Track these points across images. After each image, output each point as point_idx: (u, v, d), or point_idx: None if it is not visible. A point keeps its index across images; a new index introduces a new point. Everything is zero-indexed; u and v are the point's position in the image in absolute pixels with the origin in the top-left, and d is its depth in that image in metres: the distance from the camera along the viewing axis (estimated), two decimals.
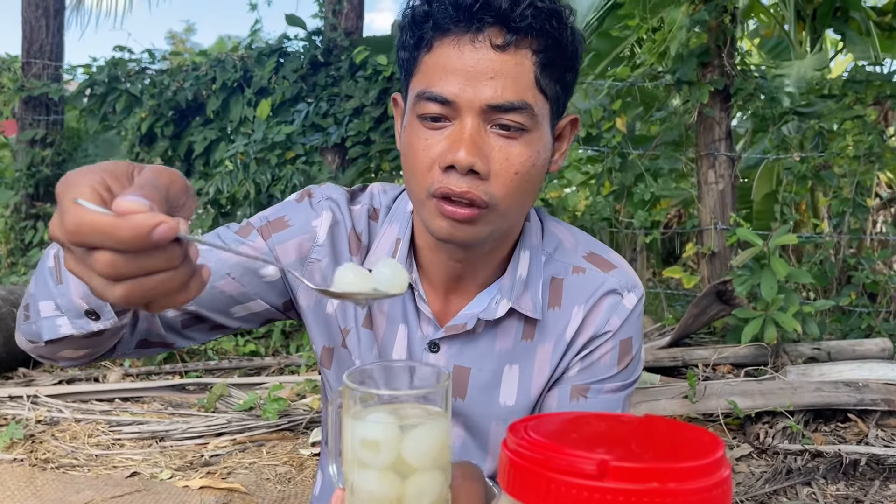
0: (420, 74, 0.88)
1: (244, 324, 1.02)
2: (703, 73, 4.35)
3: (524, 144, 0.86)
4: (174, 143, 5.41)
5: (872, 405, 2.86)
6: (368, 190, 1.06)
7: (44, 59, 5.71)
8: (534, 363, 0.98)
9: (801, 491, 2.36)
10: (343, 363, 1.01)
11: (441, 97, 0.84)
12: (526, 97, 0.85)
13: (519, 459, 0.52)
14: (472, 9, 0.83)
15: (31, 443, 2.77)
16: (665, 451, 0.53)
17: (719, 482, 0.51)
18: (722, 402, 2.87)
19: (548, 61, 0.86)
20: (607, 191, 4.85)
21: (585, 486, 0.49)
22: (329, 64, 5.16)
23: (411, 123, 0.89)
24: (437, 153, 0.85)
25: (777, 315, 3.16)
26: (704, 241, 4.42)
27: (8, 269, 5.15)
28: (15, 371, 3.84)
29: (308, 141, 4.88)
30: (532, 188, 0.90)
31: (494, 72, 0.84)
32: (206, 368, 3.80)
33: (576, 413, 0.96)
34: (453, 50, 0.85)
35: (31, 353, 0.89)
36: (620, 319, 0.99)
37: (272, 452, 2.74)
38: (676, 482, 0.49)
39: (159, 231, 0.53)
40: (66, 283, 0.79)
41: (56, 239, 0.58)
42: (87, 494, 2.32)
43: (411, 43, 0.89)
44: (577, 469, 0.49)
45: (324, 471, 1.14)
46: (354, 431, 0.62)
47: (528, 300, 0.97)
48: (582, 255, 1.02)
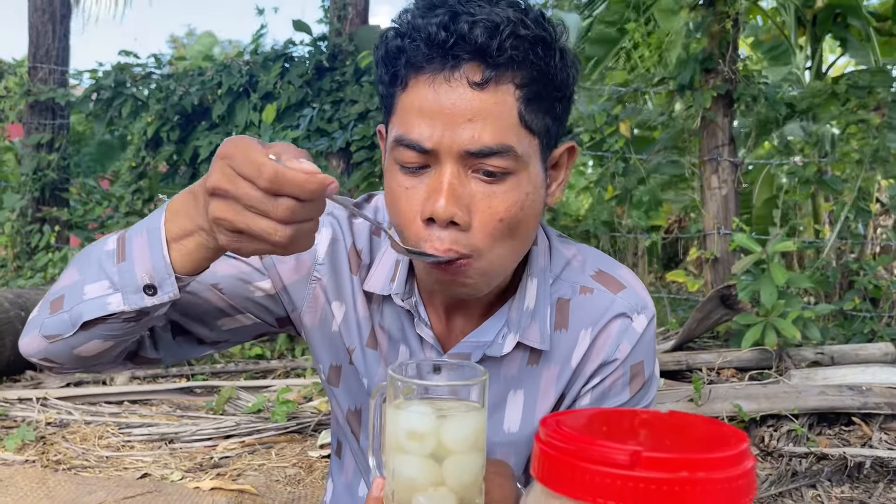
0: (397, 115, 0.83)
1: (233, 337, 1.00)
2: (706, 79, 4.38)
3: (509, 189, 0.81)
4: (180, 148, 5.45)
5: (876, 409, 2.88)
6: (373, 202, 1.02)
7: (50, 63, 5.75)
8: (538, 388, 0.96)
9: (806, 493, 2.39)
10: (350, 381, 0.99)
11: (417, 145, 0.79)
12: (507, 139, 0.79)
13: (552, 451, 0.55)
14: (446, 45, 0.77)
15: (43, 444, 2.79)
16: (693, 443, 0.56)
17: (745, 472, 0.53)
18: (727, 405, 2.89)
19: (533, 95, 0.80)
20: (609, 195, 4.88)
21: (619, 476, 0.51)
22: (334, 69, 5.20)
23: (391, 168, 0.84)
24: (417, 204, 0.81)
25: (777, 321, 3.19)
26: (708, 246, 4.44)
27: (14, 272, 5.18)
28: (22, 374, 3.86)
29: (313, 146, 4.91)
30: (524, 230, 0.85)
31: (473, 113, 0.78)
32: (212, 371, 3.82)
33: (604, 408, 0.97)
34: (428, 89, 0.79)
35: (37, 354, 0.88)
36: (630, 345, 0.95)
37: (281, 454, 2.76)
38: (705, 472, 0.51)
39: (332, 188, 0.68)
40: (131, 260, 0.80)
41: (219, 189, 0.69)
42: (100, 495, 2.34)
43: (386, 80, 0.84)
44: (610, 459, 0.52)
45: (334, 478, 1.12)
46: (397, 422, 0.64)
47: (535, 331, 0.93)
48: (590, 274, 0.98)
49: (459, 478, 0.65)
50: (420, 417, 0.64)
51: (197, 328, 0.97)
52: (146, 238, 0.80)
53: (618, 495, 0.51)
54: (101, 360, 0.89)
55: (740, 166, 4.48)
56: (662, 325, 4.35)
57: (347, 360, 0.98)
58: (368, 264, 0.97)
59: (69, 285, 0.86)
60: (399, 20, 0.82)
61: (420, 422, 0.64)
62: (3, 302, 3.88)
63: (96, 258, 0.84)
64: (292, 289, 0.97)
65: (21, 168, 5.71)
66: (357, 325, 0.97)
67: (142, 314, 0.82)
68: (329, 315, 0.97)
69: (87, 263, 0.85)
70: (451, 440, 0.65)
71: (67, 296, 0.85)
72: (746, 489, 0.54)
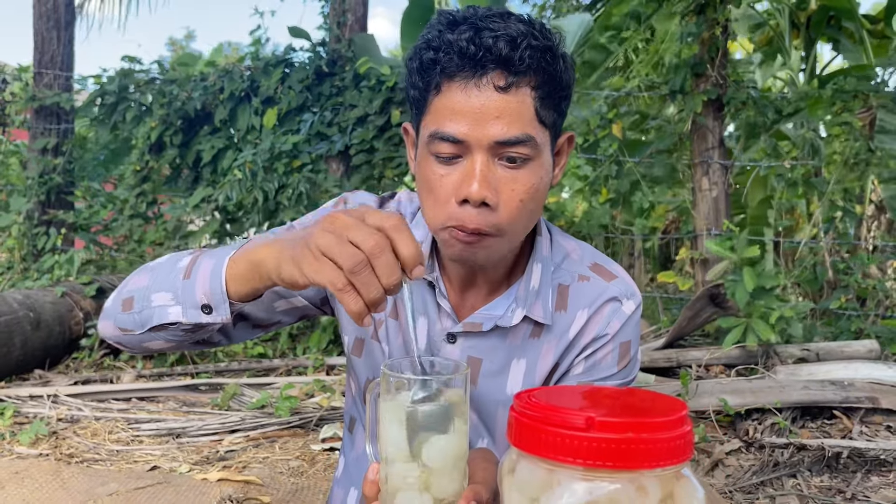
0: (431, 115, 0.97)
1: (284, 318, 1.15)
2: (697, 83, 4.50)
3: (528, 172, 0.96)
4: (183, 152, 5.55)
5: (857, 402, 2.99)
6: (397, 197, 1.18)
7: (55, 69, 5.85)
8: (538, 357, 1.11)
9: (786, 483, 2.50)
10: (372, 353, 1.14)
11: (453, 137, 0.94)
12: (528, 131, 0.94)
13: (522, 418, 0.66)
14: (476, 56, 0.92)
15: (55, 439, 2.90)
16: (640, 411, 0.67)
17: (683, 434, 0.64)
18: (713, 399, 3.00)
19: (545, 95, 0.96)
20: (604, 198, 4.99)
21: (576, 437, 0.62)
22: (333, 74, 5.31)
23: (426, 159, 0.98)
24: (452, 187, 0.96)
25: (755, 322, 3.31)
26: (698, 247, 4.56)
27: (21, 274, 5.28)
28: (31, 373, 3.97)
29: (313, 150, 5.02)
30: (536, 208, 1.00)
31: (499, 111, 0.93)
32: (216, 370, 3.93)
33: (569, 385, 1.10)
34: (460, 93, 0.93)
35: (112, 339, 1.05)
36: (620, 323, 1.10)
37: (284, 448, 2.87)
38: (648, 433, 0.62)
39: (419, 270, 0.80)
40: (193, 280, 0.95)
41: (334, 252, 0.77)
42: (112, 486, 2.45)
43: (421, 86, 0.98)
44: (569, 423, 0.63)
45: (346, 454, 1.25)
46: (389, 412, 0.75)
47: (539, 308, 1.08)
48: (587, 265, 1.14)
49: (445, 462, 0.76)
50: (409, 408, 0.75)
51: (257, 312, 1.11)
52: (212, 264, 0.96)
53: (575, 453, 0.62)
54: (167, 350, 1.06)
55: (730, 169, 4.60)
56: (654, 323, 4.46)
57: (372, 332, 1.13)
58: None
59: (140, 289, 1.01)
60: (429, 35, 0.96)
61: (408, 412, 0.75)
62: (12, 303, 3.99)
63: (168, 269, 1.00)
64: None
65: (27, 172, 5.81)
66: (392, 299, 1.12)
67: (198, 327, 0.97)
68: None
69: (159, 272, 1.01)
70: (438, 425, 0.75)
71: (136, 298, 1.00)
72: (684, 448, 0.65)
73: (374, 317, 1.13)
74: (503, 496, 0.67)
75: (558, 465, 0.63)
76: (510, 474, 0.67)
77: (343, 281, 0.77)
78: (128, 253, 5.40)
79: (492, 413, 1.13)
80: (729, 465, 2.65)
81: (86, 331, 4.29)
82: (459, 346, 1.10)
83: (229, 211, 5.01)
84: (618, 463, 0.61)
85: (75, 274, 4.88)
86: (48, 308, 4.18)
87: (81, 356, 4.19)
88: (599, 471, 0.62)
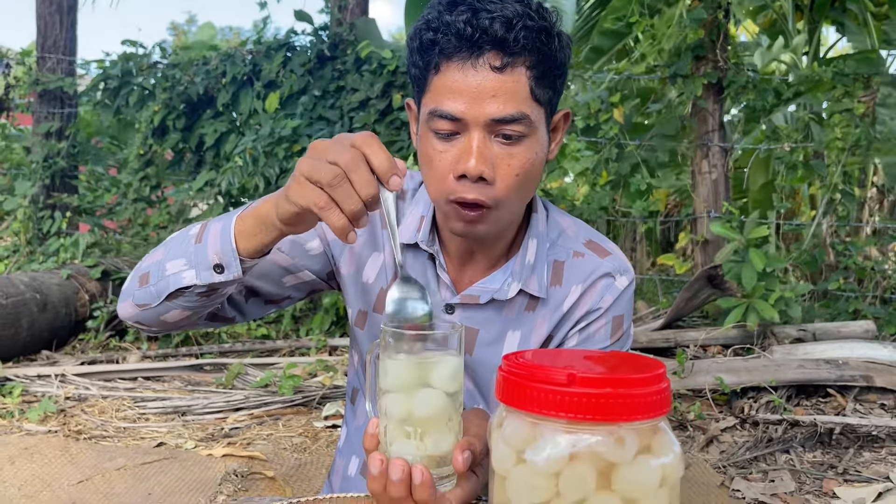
0: (431, 93, 1.01)
1: (294, 293, 1.19)
2: (697, 67, 4.51)
3: (524, 149, 1.00)
4: (185, 136, 5.58)
5: (852, 381, 3.04)
6: None
7: (58, 53, 5.87)
8: (533, 329, 1.15)
9: (779, 458, 2.55)
10: (374, 326, 1.18)
11: (451, 115, 0.97)
12: (523, 109, 0.98)
13: (509, 376, 0.70)
14: (473, 38, 0.95)
15: (63, 417, 2.96)
16: (619, 369, 0.71)
17: (660, 391, 0.68)
18: (709, 378, 3.05)
19: (540, 74, 0.99)
20: (604, 180, 5.02)
21: (558, 392, 0.66)
22: (335, 58, 5.32)
23: (426, 135, 1.02)
24: (450, 163, 1.00)
25: (757, 302, 3.34)
26: (698, 230, 4.59)
27: (26, 257, 5.33)
28: (38, 354, 4.03)
29: (314, 133, 5.05)
30: (532, 183, 1.04)
31: (495, 90, 0.96)
32: (220, 351, 3.99)
33: (554, 349, 1.14)
34: (458, 73, 0.97)
35: (132, 319, 1.08)
36: (613, 297, 1.14)
37: (288, 425, 2.93)
38: (626, 388, 0.66)
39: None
40: (205, 243, 1.00)
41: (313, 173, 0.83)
42: (120, 461, 2.51)
43: (421, 65, 1.01)
44: (552, 380, 0.67)
45: (348, 424, 1.30)
46: (389, 367, 0.80)
47: (534, 282, 1.12)
48: (582, 242, 1.17)
49: (440, 414, 0.80)
50: (406, 361, 0.80)
51: (267, 287, 1.15)
52: (220, 225, 1.00)
53: (558, 407, 0.66)
54: (183, 324, 1.10)
55: (730, 152, 4.62)
56: (653, 304, 4.50)
57: (373, 306, 1.17)
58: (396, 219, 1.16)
59: (155, 262, 1.05)
60: (429, 16, 1.00)
61: (406, 365, 0.80)
62: (19, 285, 4.04)
63: (180, 239, 1.04)
64: (333, 244, 1.17)
65: (31, 156, 5.85)
66: (385, 270, 1.17)
67: (212, 289, 1.01)
68: (363, 265, 1.17)
69: (172, 244, 1.06)
70: (433, 379, 0.80)
71: (152, 272, 1.04)
72: (661, 404, 0.69)
73: (380, 287, 1.16)
74: (492, 449, 0.71)
75: (542, 419, 0.67)
76: (498, 428, 0.71)
77: (325, 199, 0.82)
78: (132, 236, 5.45)
79: (487, 381, 1.18)
80: (724, 442, 2.70)
81: (91, 312, 4.34)
82: (457, 317, 1.15)
83: (232, 195, 5.05)
84: (597, 416, 0.65)
85: (80, 257, 4.93)
86: (54, 290, 4.24)
87: (87, 337, 4.25)
88: (581, 424, 0.66)
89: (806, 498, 2.27)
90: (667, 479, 0.67)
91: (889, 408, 2.95)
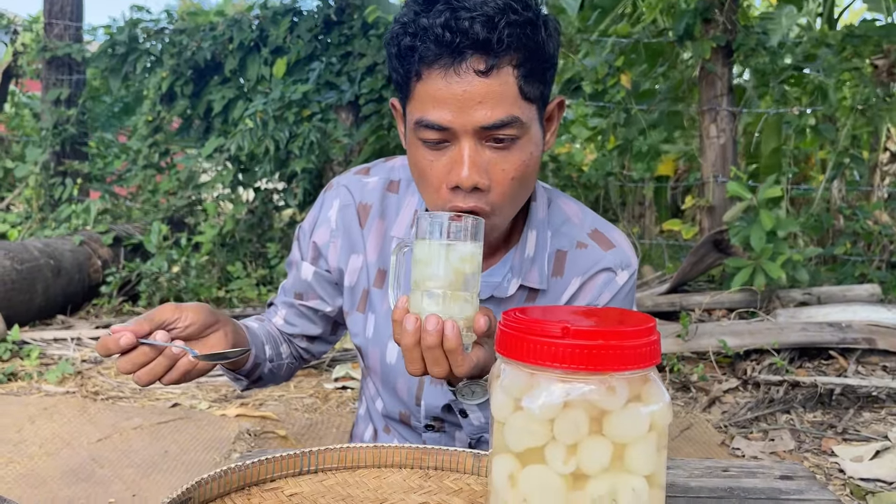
0: (415, 101, 0.96)
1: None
2: (706, 29, 4.47)
3: (517, 151, 0.96)
4: (194, 102, 5.60)
5: (854, 343, 3.07)
6: (391, 163, 1.19)
7: (65, 19, 5.87)
8: None
9: (780, 418, 2.59)
10: (353, 325, 1.19)
11: (438, 125, 0.93)
12: (513, 112, 0.93)
13: (507, 329, 0.74)
14: (453, 43, 0.89)
15: (80, 378, 3.04)
16: (611, 323, 0.75)
17: (649, 343, 0.72)
18: (713, 341, 3.09)
19: (528, 71, 0.93)
20: (612, 145, 5.01)
21: (553, 343, 0.70)
22: (342, 23, 5.30)
23: (414, 143, 0.98)
24: (442, 173, 0.96)
25: (765, 263, 3.35)
26: (705, 194, 4.59)
27: (39, 223, 5.40)
28: (53, 318, 4.11)
29: (323, 99, 5.06)
30: (529, 183, 1.00)
31: (482, 96, 0.91)
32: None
33: (550, 306, 1.17)
34: (441, 80, 0.91)
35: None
36: (611, 294, 1.10)
37: (299, 387, 3.00)
38: (617, 340, 0.70)
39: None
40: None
41: None
42: (137, 421, 2.59)
43: (402, 72, 0.96)
44: (547, 332, 0.71)
45: (364, 394, 1.33)
46: (420, 247, 0.88)
47: (534, 274, 1.09)
48: (587, 232, 1.12)
49: (465, 284, 0.89)
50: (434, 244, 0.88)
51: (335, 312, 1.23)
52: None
53: (553, 358, 0.70)
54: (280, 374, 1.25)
55: (738, 116, 4.60)
56: (659, 269, 4.53)
57: (355, 307, 1.19)
58: (381, 211, 1.16)
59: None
60: (404, 18, 0.94)
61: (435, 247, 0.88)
62: (33, 251, 4.11)
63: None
64: (329, 256, 1.19)
65: (41, 123, 5.88)
66: (367, 269, 1.16)
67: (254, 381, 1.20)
68: (344, 272, 1.18)
69: None
70: (455, 258, 0.88)
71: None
72: (650, 355, 0.73)
73: (358, 289, 1.18)
74: (491, 398, 0.75)
75: (538, 369, 0.71)
76: (497, 379, 0.75)
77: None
78: (142, 203, 5.50)
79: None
80: (726, 403, 2.75)
81: (104, 278, 4.41)
82: None
83: (241, 161, 5.08)
84: (590, 366, 0.69)
85: (92, 223, 4.99)
86: (67, 256, 4.30)
87: (101, 302, 4.33)
88: (574, 373, 0.70)
89: (804, 456, 2.32)
90: (655, 426, 0.71)
91: (890, 369, 2.99)
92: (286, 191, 5.12)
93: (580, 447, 0.70)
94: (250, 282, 4.56)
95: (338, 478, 0.89)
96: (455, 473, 0.92)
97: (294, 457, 0.88)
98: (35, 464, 2.28)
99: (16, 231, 5.30)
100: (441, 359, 0.88)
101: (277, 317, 1.24)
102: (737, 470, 0.98)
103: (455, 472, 0.92)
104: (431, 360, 0.88)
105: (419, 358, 0.89)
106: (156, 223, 4.72)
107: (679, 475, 0.97)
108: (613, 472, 0.70)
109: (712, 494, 0.91)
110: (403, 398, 1.18)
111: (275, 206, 5.33)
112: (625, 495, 0.69)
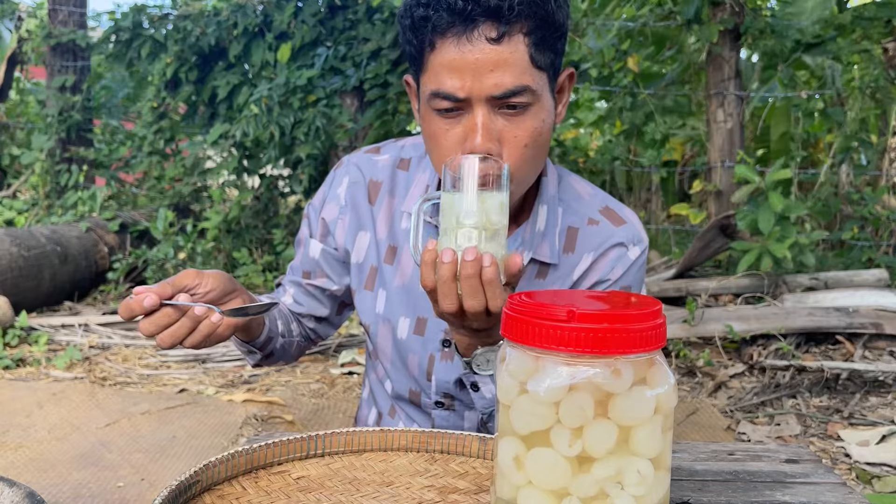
0: (429, 73, 0.98)
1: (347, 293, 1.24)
2: (714, 13, 4.43)
3: (530, 118, 0.98)
4: (198, 88, 5.58)
5: (861, 328, 3.06)
6: (401, 143, 1.21)
7: (69, 5, 5.85)
8: None
9: (786, 403, 2.59)
10: (362, 302, 1.20)
11: (451, 95, 0.95)
12: (524, 80, 0.95)
13: (513, 313, 0.74)
14: (465, 11, 0.92)
15: (88, 364, 3.05)
16: (617, 307, 0.75)
17: (654, 326, 0.72)
18: (719, 326, 3.09)
19: (539, 39, 0.95)
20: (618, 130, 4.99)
21: (559, 327, 0.70)
22: (346, 7, 5.27)
23: (428, 113, 1.00)
24: (456, 141, 0.98)
25: (772, 245, 3.34)
26: (712, 179, 4.57)
27: (45, 210, 5.41)
28: (61, 304, 4.13)
29: (328, 84, 5.04)
30: (541, 151, 1.02)
31: (494, 64, 0.93)
32: None
33: (556, 290, 1.17)
34: (454, 49, 0.94)
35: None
36: (623, 268, 1.12)
37: (305, 372, 3.01)
38: (622, 324, 0.70)
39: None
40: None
41: None
42: (144, 406, 2.60)
43: (415, 43, 0.98)
44: (554, 316, 0.70)
45: (369, 377, 1.33)
46: (449, 197, 0.90)
47: (545, 248, 1.10)
48: (598, 209, 1.14)
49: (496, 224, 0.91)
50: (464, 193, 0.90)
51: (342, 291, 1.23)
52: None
53: (558, 341, 0.70)
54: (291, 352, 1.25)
55: (746, 100, 4.56)
56: (666, 255, 4.52)
57: (363, 284, 1.19)
58: (391, 188, 1.17)
59: None
60: None
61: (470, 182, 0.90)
62: (40, 237, 4.13)
63: None
64: (337, 233, 1.20)
65: (47, 109, 5.88)
66: (376, 245, 1.17)
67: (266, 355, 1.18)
68: (350, 249, 1.19)
69: None
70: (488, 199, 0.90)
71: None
72: (656, 338, 0.72)
73: (365, 266, 1.19)
74: (497, 381, 0.76)
75: (544, 353, 0.71)
76: (502, 362, 0.75)
77: None
78: (148, 189, 5.51)
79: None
80: (732, 387, 2.75)
81: (111, 264, 4.43)
82: None
83: (247, 147, 5.07)
84: (595, 349, 0.69)
85: (98, 210, 5.00)
86: (74, 243, 4.32)
87: (108, 289, 4.35)
88: (580, 356, 0.70)
89: (810, 440, 2.32)
90: (661, 408, 0.71)
91: None
92: (291, 177, 5.11)
93: (585, 430, 0.70)
94: (256, 268, 4.58)
95: (344, 461, 0.90)
96: (461, 457, 0.92)
97: (301, 440, 0.88)
98: (44, 448, 2.30)
99: (23, 218, 5.32)
100: (479, 289, 0.88)
101: (286, 296, 1.25)
102: (742, 453, 0.98)
103: (461, 456, 0.92)
104: (469, 290, 0.88)
105: (453, 292, 0.88)
106: (162, 210, 4.73)
107: (685, 458, 0.97)
108: (619, 455, 0.70)
109: (717, 477, 0.91)
110: (414, 374, 1.18)
111: (280, 192, 5.33)
112: (630, 477, 0.69)
